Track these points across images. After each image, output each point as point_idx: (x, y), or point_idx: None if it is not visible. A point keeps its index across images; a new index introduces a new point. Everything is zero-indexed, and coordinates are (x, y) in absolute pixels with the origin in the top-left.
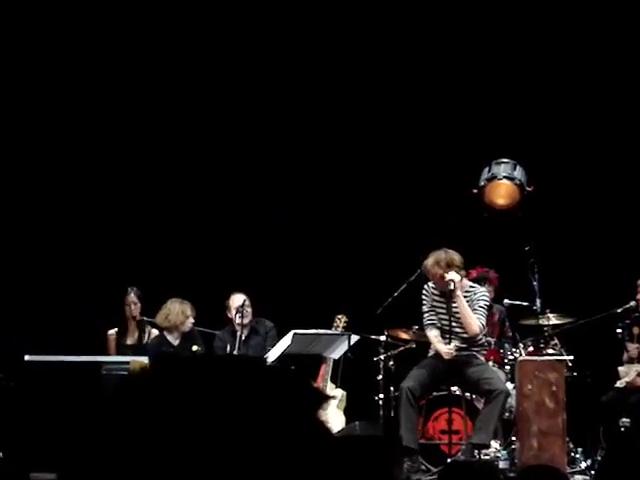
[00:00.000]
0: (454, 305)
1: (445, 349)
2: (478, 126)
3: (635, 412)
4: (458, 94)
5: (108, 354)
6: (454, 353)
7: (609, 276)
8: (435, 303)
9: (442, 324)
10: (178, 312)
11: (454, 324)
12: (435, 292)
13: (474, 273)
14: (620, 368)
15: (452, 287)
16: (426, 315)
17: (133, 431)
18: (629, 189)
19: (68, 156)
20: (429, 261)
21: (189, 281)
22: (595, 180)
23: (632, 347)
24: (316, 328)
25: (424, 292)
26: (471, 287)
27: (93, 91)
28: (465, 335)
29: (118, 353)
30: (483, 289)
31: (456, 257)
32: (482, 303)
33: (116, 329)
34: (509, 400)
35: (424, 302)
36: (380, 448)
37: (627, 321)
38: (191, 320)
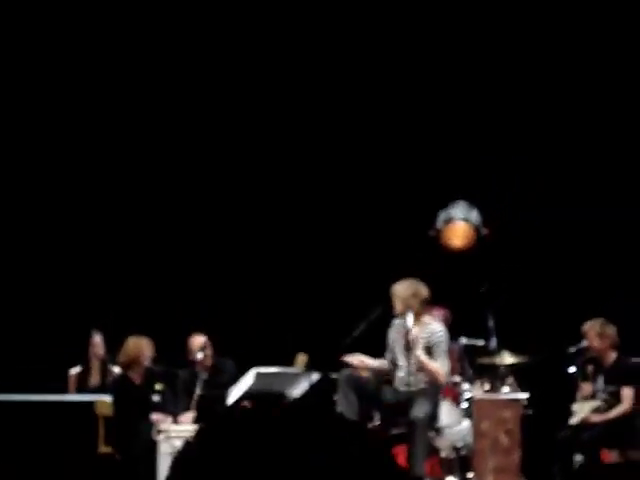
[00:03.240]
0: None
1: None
2: (435, 170)
3: (588, 449)
4: (414, 138)
5: (68, 393)
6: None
7: (562, 316)
8: (396, 344)
9: (400, 366)
10: (133, 345)
11: (412, 369)
12: (398, 334)
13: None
14: (574, 405)
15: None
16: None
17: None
18: (580, 230)
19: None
20: (414, 301)
21: (149, 321)
22: (547, 222)
23: (586, 386)
24: (277, 366)
25: (390, 330)
26: (428, 326)
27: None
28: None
29: (79, 393)
30: (439, 327)
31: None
32: (443, 347)
33: (78, 368)
34: (467, 438)
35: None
36: None
37: (580, 359)
38: (148, 353)
